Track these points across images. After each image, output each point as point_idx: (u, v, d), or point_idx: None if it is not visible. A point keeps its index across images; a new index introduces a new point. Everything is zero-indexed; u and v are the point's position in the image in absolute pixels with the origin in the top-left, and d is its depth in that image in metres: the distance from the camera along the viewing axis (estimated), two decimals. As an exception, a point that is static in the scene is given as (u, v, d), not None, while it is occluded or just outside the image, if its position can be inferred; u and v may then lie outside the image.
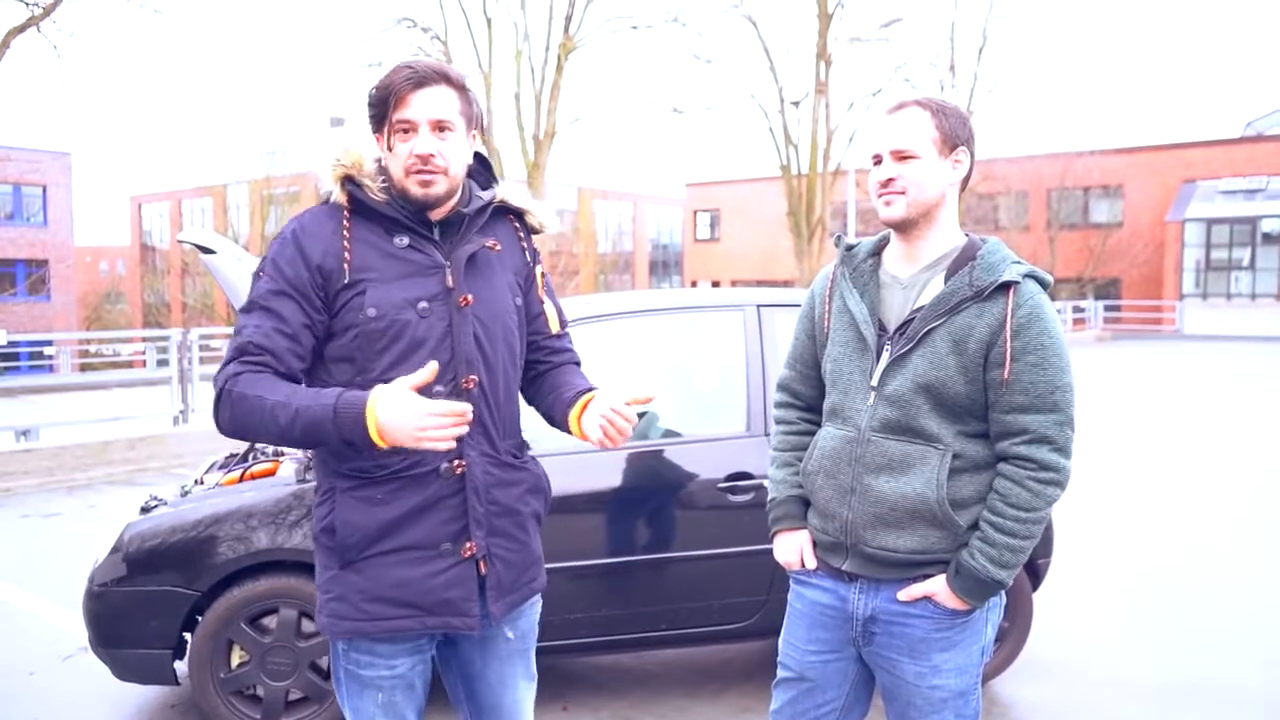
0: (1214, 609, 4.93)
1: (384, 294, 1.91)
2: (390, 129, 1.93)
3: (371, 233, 1.96)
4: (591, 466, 3.58)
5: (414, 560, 1.94)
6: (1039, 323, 1.95)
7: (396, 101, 1.91)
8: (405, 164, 1.92)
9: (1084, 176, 35.01)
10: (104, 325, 45.88)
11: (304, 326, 1.91)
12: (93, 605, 3.43)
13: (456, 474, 1.95)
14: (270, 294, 1.91)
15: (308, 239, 1.94)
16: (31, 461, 8.37)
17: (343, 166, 1.96)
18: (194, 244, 3.65)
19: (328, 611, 1.97)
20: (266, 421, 1.83)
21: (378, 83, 1.96)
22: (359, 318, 1.91)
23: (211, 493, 3.56)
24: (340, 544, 1.93)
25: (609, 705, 3.81)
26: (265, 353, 1.88)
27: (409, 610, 1.94)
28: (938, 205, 2.06)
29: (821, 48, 25.20)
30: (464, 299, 1.96)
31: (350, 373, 1.93)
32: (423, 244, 1.97)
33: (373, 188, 1.96)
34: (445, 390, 1.93)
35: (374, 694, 2.01)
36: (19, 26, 13.83)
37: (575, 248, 41.52)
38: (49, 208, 37.08)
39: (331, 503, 1.95)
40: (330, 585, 1.97)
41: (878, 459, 2.04)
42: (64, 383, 18.91)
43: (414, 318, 1.92)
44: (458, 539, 1.95)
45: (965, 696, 2.09)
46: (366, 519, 1.92)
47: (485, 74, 20.94)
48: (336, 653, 2.04)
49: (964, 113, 2.10)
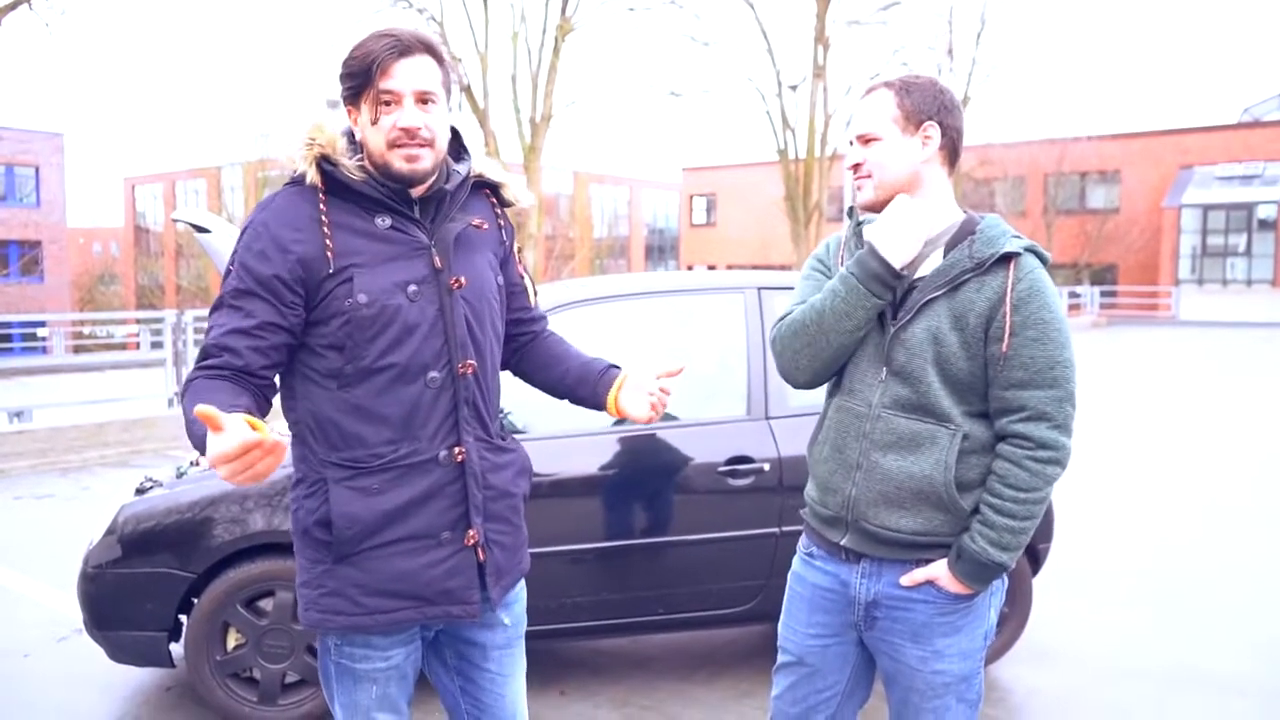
0: (1213, 595, 4.93)
1: (372, 279, 1.82)
2: (373, 100, 1.81)
3: (350, 214, 1.85)
4: (590, 450, 3.55)
5: (413, 550, 1.88)
6: (1039, 297, 1.93)
7: (379, 71, 1.79)
8: (389, 137, 1.82)
9: (1081, 162, 35.01)
10: (98, 307, 45.77)
11: (270, 325, 1.80)
12: (88, 587, 3.41)
13: (457, 461, 1.90)
14: (238, 292, 1.81)
15: (282, 228, 1.82)
16: (25, 443, 8.34)
17: (319, 146, 1.85)
18: (189, 223, 3.61)
19: (320, 607, 1.89)
20: (190, 423, 1.69)
21: (354, 50, 1.83)
22: (346, 305, 1.81)
23: (207, 474, 3.53)
24: (337, 538, 1.84)
25: (606, 690, 3.80)
26: (225, 352, 1.78)
27: (410, 601, 1.89)
28: (912, 184, 2.02)
29: (820, 31, 25.08)
30: (455, 281, 1.89)
31: (340, 360, 1.84)
32: (405, 224, 1.87)
33: (349, 166, 1.85)
34: (441, 376, 1.87)
35: (369, 687, 1.95)
36: (10, 4, 13.71)
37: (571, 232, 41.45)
38: (42, 188, 36.88)
39: (324, 495, 1.86)
40: (322, 580, 1.89)
41: (887, 436, 2.01)
42: (57, 364, 18.86)
43: (404, 302, 1.84)
44: (457, 527, 1.90)
45: (968, 681, 2.08)
46: (365, 510, 1.85)
47: (481, 56, 20.82)
48: (326, 647, 1.97)
49: (937, 86, 2.04)
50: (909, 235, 1.98)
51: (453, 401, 1.90)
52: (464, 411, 1.90)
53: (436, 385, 1.87)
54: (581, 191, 47.09)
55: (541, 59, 20.91)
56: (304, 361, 1.88)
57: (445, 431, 1.89)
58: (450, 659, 2.08)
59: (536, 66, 20.93)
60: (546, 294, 3.87)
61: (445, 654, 2.08)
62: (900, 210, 1.99)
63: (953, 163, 2.08)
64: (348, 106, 1.88)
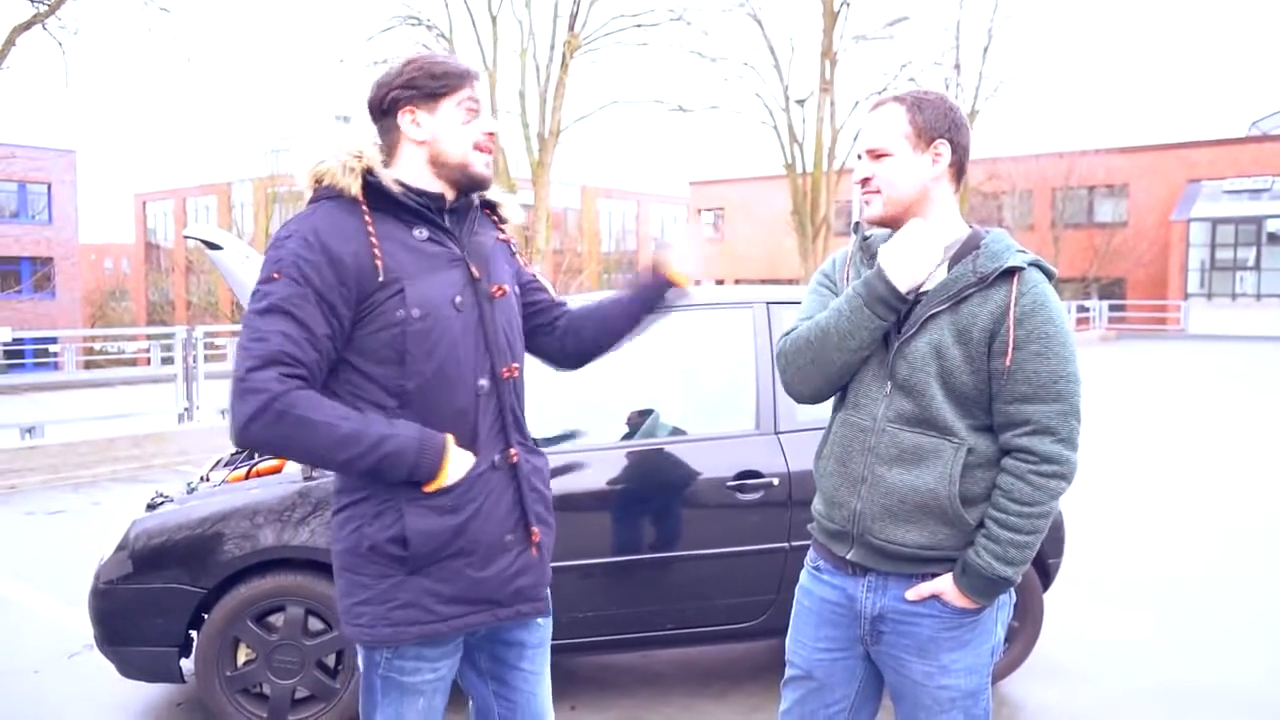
0: (1225, 612, 4.90)
1: (423, 292, 1.88)
2: (454, 105, 1.93)
3: (392, 227, 1.91)
4: (600, 464, 3.56)
5: (484, 557, 1.95)
6: (1043, 311, 1.92)
7: (463, 81, 1.94)
8: (477, 140, 1.95)
9: (1089, 176, 34.93)
10: (109, 323, 45.91)
11: (327, 337, 1.83)
12: (98, 603, 3.42)
13: (511, 464, 1.99)
14: (298, 298, 1.80)
15: (333, 239, 1.84)
16: (36, 459, 8.37)
17: (361, 160, 1.91)
18: (201, 240, 3.64)
19: (392, 620, 1.91)
20: (328, 449, 1.78)
21: (431, 60, 1.95)
22: (398, 316, 1.85)
23: (217, 490, 3.55)
24: (414, 553, 1.89)
25: (616, 705, 3.80)
26: (300, 365, 1.79)
27: (483, 605, 1.96)
28: (920, 201, 2.03)
29: (827, 46, 25.15)
30: (498, 290, 1.99)
31: (396, 374, 1.88)
32: (440, 235, 1.95)
33: (388, 180, 1.91)
34: (489, 383, 1.95)
35: (415, 699, 2.00)
36: (24, 24, 13.84)
37: (579, 246, 41.51)
38: (54, 205, 37.13)
39: (398, 512, 1.89)
40: (392, 593, 1.91)
41: (891, 450, 2.01)
42: (69, 380, 18.93)
43: (453, 314, 1.91)
44: (517, 529, 1.99)
45: (975, 697, 2.06)
46: (439, 526, 1.90)
47: (490, 72, 20.94)
48: (374, 662, 1.99)
49: (947, 104, 2.04)
50: (919, 261, 1.98)
51: (499, 407, 1.98)
52: (509, 417, 1.99)
53: (486, 392, 1.95)
54: (589, 206, 47.21)
55: (550, 74, 21.01)
56: (353, 385, 1.90)
57: (496, 436, 1.98)
58: (483, 662, 2.14)
59: (545, 82, 21.03)
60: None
61: (477, 658, 2.14)
62: (913, 235, 1.99)
63: (959, 179, 2.08)
64: (406, 109, 1.93)
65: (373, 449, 1.80)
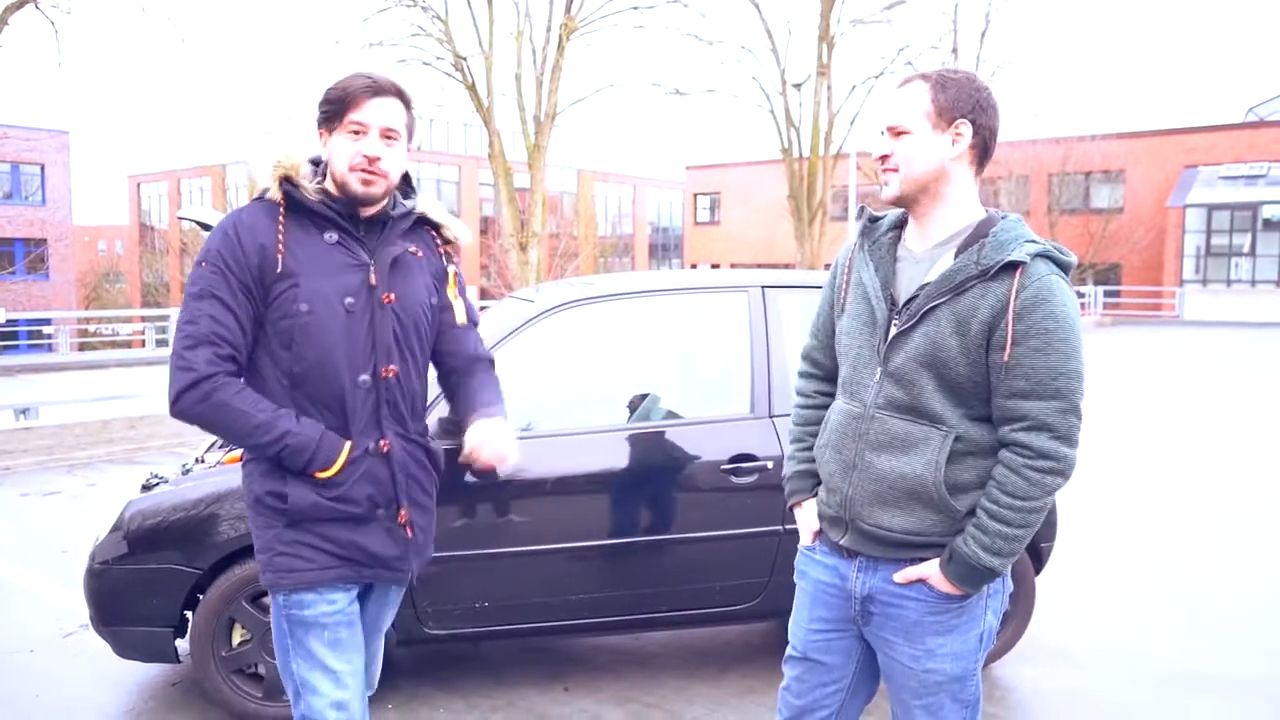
0: (1218, 596, 4.93)
1: (315, 289, 2.11)
2: (342, 127, 2.13)
3: (304, 229, 2.16)
4: (594, 448, 3.57)
5: (355, 522, 2.19)
6: (1045, 305, 1.88)
7: (352, 104, 2.11)
8: (351, 161, 2.12)
9: (1085, 161, 34.89)
10: (103, 304, 45.86)
11: (248, 317, 2.12)
12: (94, 583, 3.43)
13: (383, 452, 2.21)
14: (223, 284, 2.10)
15: (245, 232, 2.13)
16: (31, 440, 8.37)
17: (283, 168, 2.15)
18: (195, 221, 3.64)
19: (276, 566, 2.17)
20: (242, 433, 2.12)
21: (336, 84, 2.16)
22: (292, 309, 2.11)
23: (213, 471, 3.55)
24: (293, 508, 2.16)
25: (610, 686, 3.81)
26: (227, 344, 2.09)
27: (351, 564, 2.21)
28: (938, 180, 2.00)
29: (824, 29, 25.01)
30: (386, 296, 2.18)
31: (288, 359, 2.14)
32: (349, 241, 2.17)
33: (308, 188, 2.16)
34: (368, 379, 2.17)
35: (319, 632, 2.19)
36: (16, 3, 13.72)
37: (575, 230, 41.40)
38: (47, 186, 36.96)
39: (283, 474, 2.16)
40: (274, 542, 2.18)
41: (881, 436, 2.02)
42: (63, 361, 18.85)
43: (342, 312, 2.13)
44: (389, 506, 2.23)
45: (961, 681, 2.08)
46: (316, 494, 2.16)
47: (486, 54, 20.78)
48: (277, 605, 2.22)
49: (974, 84, 2.00)
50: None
51: (377, 401, 2.20)
52: (385, 410, 2.21)
53: (366, 386, 2.18)
54: (585, 190, 47.03)
55: (546, 57, 20.86)
56: (264, 361, 2.17)
57: (371, 426, 2.20)
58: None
59: (541, 65, 20.88)
60: (550, 292, 3.88)
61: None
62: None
63: (982, 162, 2.05)
64: (320, 130, 2.19)
65: (276, 441, 2.10)
